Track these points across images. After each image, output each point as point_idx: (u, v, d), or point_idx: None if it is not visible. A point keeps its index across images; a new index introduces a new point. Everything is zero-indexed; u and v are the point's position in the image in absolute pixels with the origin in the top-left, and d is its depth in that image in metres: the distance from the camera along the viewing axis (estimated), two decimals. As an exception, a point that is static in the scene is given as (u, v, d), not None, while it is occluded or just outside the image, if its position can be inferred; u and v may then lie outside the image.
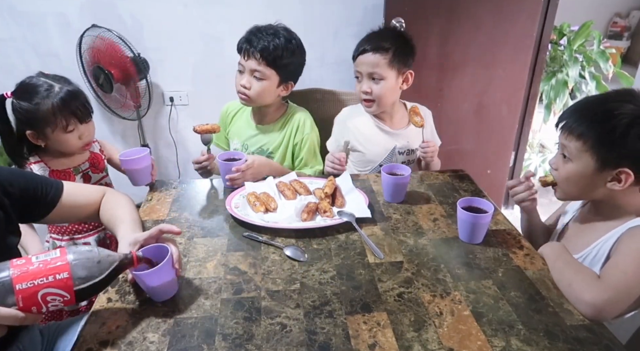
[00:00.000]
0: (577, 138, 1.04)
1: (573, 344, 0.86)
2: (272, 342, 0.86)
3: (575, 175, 1.07)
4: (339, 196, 1.35)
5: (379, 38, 1.53)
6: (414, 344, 0.86)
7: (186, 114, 2.63)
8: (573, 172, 1.07)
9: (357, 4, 2.39)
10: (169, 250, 0.94)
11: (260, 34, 1.51)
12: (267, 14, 2.38)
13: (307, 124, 1.62)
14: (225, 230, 1.23)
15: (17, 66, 2.42)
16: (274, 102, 1.63)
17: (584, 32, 2.93)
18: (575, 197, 1.16)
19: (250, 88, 1.54)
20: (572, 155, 1.06)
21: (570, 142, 1.06)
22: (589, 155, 1.03)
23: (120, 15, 2.35)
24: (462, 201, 1.17)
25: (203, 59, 2.50)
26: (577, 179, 1.07)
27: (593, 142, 1.02)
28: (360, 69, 1.54)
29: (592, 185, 1.06)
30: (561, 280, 1.00)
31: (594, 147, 1.02)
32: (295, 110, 1.66)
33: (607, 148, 1.01)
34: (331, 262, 1.10)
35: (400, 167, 1.39)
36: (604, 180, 1.04)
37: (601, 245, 1.07)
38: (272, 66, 1.52)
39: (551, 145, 3.16)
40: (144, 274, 0.90)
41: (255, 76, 1.53)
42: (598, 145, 1.01)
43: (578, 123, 1.04)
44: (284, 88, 1.60)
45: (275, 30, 1.53)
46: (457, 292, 0.99)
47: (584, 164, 1.04)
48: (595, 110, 1.04)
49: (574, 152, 1.05)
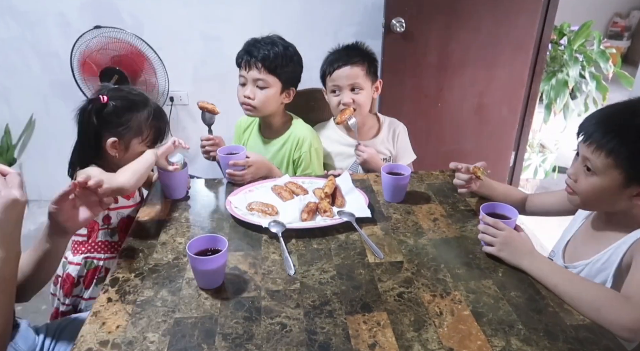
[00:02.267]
0: (607, 155, 0.99)
1: (573, 344, 0.86)
2: (272, 342, 0.86)
3: (599, 189, 1.03)
4: (339, 196, 1.35)
5: (350, 53, 1.62)
6: (414, 344, 0.86)
7: (186, 114, 2.63)
8: (597, 186, 1.03)
9: (357, 4, 2.39)
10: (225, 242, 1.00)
11: (258, 45, 1.56)
12: (267, 14, 2.39)
13: (306, 143, 1.64)
14: (225, 230, 1.23)
15: (17, 66, 2.42)
16: (277, 111, 1.66)
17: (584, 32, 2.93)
18: (596, 208, 1.14)
19: (255, 98, 1.57)
20: (598, 170, 1.01)
21: (597, 157, 1.00)
22: (617, 172, 0.99)
23: (121, 15, 2.36)
24: (485, 206, 1.15)
25: (203, 59, 2.50)
26: (600, 193, 1.03)
27: (624, 160, 0.97)
28: (339, 83, 1.61)
29: (615, 199, 1.03)
30: (581, 305, 0.95)
31: (624, 164, 0.98)
32: (297, 127, 1.68)
33: (638, 166, 0.97)
34: (331, 261, 1.10)
35: (400, 167, 1.39)
36: (629, 194, 1.01)
37: (612, 251, 1.05)
38: (274, 73, 1.56)
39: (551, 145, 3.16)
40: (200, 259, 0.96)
41: (258, 85, 1.57)
42: (629, 163, 0.97)
43: (607, 139, 0.99)
44: (286, 95, 1.63)
45: (272, 39, 1.58)
46: (457, 292, 0.99)
47: (610, 179, 1.00)
48: (624, 125, 1.00)
49: (600, 167, 1.00)
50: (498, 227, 1.10)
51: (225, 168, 1.44)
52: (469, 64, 2.34)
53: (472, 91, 2.40)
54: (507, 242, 1.08)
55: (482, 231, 1.13)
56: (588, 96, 2.99)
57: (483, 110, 2.45)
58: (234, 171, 1.43)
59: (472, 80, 2.38)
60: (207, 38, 2.45)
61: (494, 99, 2.42)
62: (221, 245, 1.01)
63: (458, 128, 2.49)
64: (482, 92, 2.40)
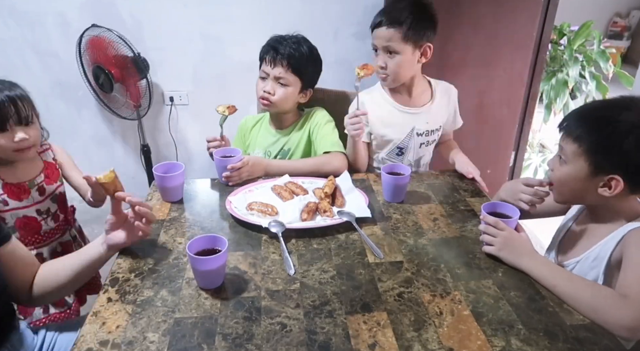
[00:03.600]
0: (574, 141, 1.04)
1: (573, 344, 0.86)
2: (272, 342, 0.86)
3: (568, 177, 1.07)
4: (339, 196, 1.35)
5: (395, 10, 1.48)
6: (414, 344, 0.86)
7: (186, 114, 2.63)
8: (566, 175, 1.07)
9: (357, 4, 2.39)
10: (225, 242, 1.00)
11: (285, 42, 1.57)
12: (267, 14, 2.39)
13: (318, 114, 1.67)
14: (225, 230, 1.23)
15: (17, 66, 2.42)
16: (292, 109, 1.68)
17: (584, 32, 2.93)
18: (569, 199, 1.16)
19: (274, 94, 1.58)
20: (568, 158, 1.06)
21: (566, 144, 1.06)
22: (584, 159, 1.03)
23: (120, 15, 2.35)
24: (486, 205, 1.15)
25: (203, 58, 2.50)
26: (569, 182, 1.07)
27: (588, 147, 1.02)
28: (376, 42, 1.52)
29: (584, 189, 1.06)
30: (579, 305, 0.95)
31: (589, 151, 1.02)
32: (311, 110, 1.71)
33: (601, 154, 1.01)
34: (331, 261, 1.10)
35: (400, 167, 1.39)
36: (596, 185, 1.03)
37: (601, 248, 1.06)
38: (297, 73, 1.57)
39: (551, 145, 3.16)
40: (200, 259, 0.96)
41: (280, 82, 1.58)
42: (593, 150, 1.01)
43: (576, 126, 1.04)
44: (303, 95, 1.65)
45: (297, 39, 1.59)
46: (457, 292, 0.99)
47: (577, 167, 1.04)
48: (595, 115, 1.04)
49: (569, 154, 1.05)
50: (498, 226, 1.10)
51: (220, 171, 1.44)
52: (469, 63, 2.34)
53: (472, 91, 2.40)
54: (507, 242, 1.08)
55: (483, 231, 1.13)
56: (588, 96, 2.99)
57: (483, 110, 2.45)
58: (230, 173, 1.43)
59: (472, 80, 2.37)
60: (207, 38, 2.45)
61: (494, 99, 2.42)
62: (221, 245, 1.01)
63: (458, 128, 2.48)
64: (482, 92, 2.40)
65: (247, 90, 1.65)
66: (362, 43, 1.63)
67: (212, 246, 1.02)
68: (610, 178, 1.01)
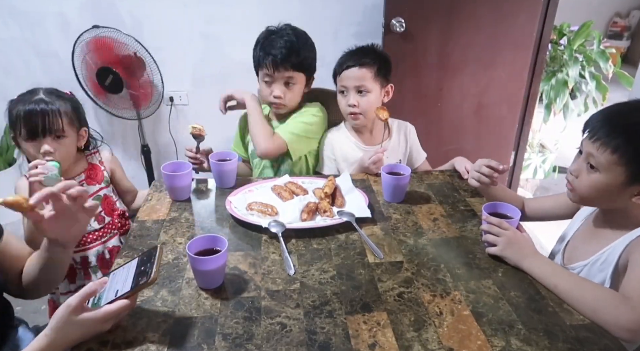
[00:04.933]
0: (612, 152, 0.98)
1: (573, 344, 0.86)
2: (272, 342, 0.86)
3: (601, 186, 1.02)
4: (339, 196, 1.35)
5: (361, 54, 1.59)
6: (414, 344, 0.86)
7: (186, 114, 2.63)
8: (600, 183, 1.02)
9: (357, 4, 2.39)
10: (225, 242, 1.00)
11: (277, 42, 1.54)
12: (267, 14, 2.39)
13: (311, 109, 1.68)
14: (225, 230, 1.23)
15: (17, 66, 2.42)
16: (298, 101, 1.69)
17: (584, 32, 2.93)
18: (594, 204, 1.14)
19: (285, 97, 1.59)
20: (601, 167, 1.01)
21: (602, 154, 1.00)
22: (622, 170, 0.99)
23: (120, 15, 2.35)
24: (487, 206, 1.15)
25: (203, 59, 2.50)
26: (602, 190, 1.03)
27: (629, 157, 0.97)
28: (346, 84, 1.58)
29: (616, 197, 1.03)
30: (580, 305, 0.95)
31: (630, 162, 0.97)
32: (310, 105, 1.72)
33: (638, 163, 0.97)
34: (331, 261, 1.10)
35: (400, 167, 1.39)
36: (631, 193, 1.01)
37: (610, 251, 1.05)
38: (300, 68, 1.58)
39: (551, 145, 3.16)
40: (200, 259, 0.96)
41: (288, 83, 1.59)
42: (634, 161, 0.97)
43: (613, 135, 0.98)
44: (307, 85, 1.67)
45: (286, 33, 1.57)
46: (457, 292, 0.99)
47: (613, 176, 1.00)
48: (632, 123, 1.00)
49: (604, 163, 1.00)
50: (502, 226, 1.10)
51: (216, 175, 1.44)
52: (469, 63, 2.34)
53: (472, 91, 2.40)
54: (510, 242, 1.08)
55: (486, 230, 1.12)
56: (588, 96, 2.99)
57: (483, 110, 2.45)
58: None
59: (472, 80, 2.37)
60: (207, 38, 2.45)
61: (494, 99, 2.42)
62: (221, 245, 1.01)
63: (458, 128, 2.48)
64: (482, 92, 2.40)
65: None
66: (362, 43, 1.64)
67: (212, 246, 1.02)
68: None
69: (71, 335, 0.82)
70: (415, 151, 1.74)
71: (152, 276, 0.85)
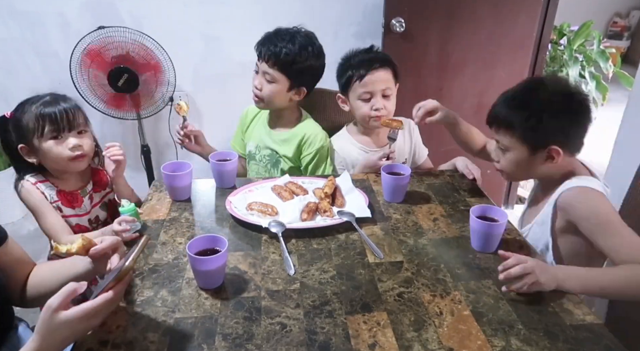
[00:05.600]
0: (505, 133, 1.18)
1: (573, 344, 0.86)
2: (272, 342, 0.86)
3: (514, 162, 1.20)
4: (339, 196, 1.35)
5: (374, 54, 1.56)
6: (414, 344, 0.86)
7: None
8: (514, 160, 1.20)
9: (357, 4, 2.39)
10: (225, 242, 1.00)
11: (275, 39, 1.54)
12: (267, 14, 2.39)
13: (317, 143, 1.62)
14: (225, 230, 1.23)
15: (17, 66, 2.42)
16: (287, 106, 1.65)
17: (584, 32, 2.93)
18: (521, 178, 1.40)
19: (262, 90, 1.58)
20: (506, 147, 1.20)
21: (501, 136, 1.20)
22: (520, 144, 1.16)
23: (120, 15, 2.35)
24: (475, 209, 1.15)
25: (203, 59, 2.50)
26: (518, 164, 1.20)
27: (519, 132, 1.15)
28: (373, 88, 1.52)
29: (532, 167, 1.19)
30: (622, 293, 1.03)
31: (521, 137, 1.15)
32: (307, 124, 1.67)
33: (531, 136, 1.14)
34: (331, 261, 1.10)
35: (400, 167, 1.39)
36: (540, 160, 1.16)
37: (543, 213, 1.21)
38: (282, 71, 1.54)
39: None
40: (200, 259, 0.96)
41: (266, 79, 1.57)
42: (523, 135, 1.15)
43: (501, 119, 1.19)
44: (296, 93, 1.61)
45: (292, 35, 1.54)
46: (457, 292, 0.99)
47: (519, 152, 1.18)
48: (513, 105, 1.18)
49: (507, 144, 1.19)
50: (521, 260, 0.97)
51: (216, 175, 1.43)
52: (469, 64, 2.34)
53: (472, 91, 2.40)
54: (541, 267, 0.97)
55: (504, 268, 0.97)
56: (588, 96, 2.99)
57: (483, 110, 2.42)
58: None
59: (472, 80, 2.37)
60: (208, 38, 2.45)
61: (494, 99, 2.40)
62: (221, 245, 1.01)
63: (458, 128, 2.48)
64: (482, 92, 2.40)
65: (248, 90, 1.65)
66: (362, 43, 1.63)
67: (212, 246, 1.02)
68: (549, 150, 1.14)
69: (58, 336, 0.78)
70: (418, 147, 1.73)
71: (127, 265, 0.81)
